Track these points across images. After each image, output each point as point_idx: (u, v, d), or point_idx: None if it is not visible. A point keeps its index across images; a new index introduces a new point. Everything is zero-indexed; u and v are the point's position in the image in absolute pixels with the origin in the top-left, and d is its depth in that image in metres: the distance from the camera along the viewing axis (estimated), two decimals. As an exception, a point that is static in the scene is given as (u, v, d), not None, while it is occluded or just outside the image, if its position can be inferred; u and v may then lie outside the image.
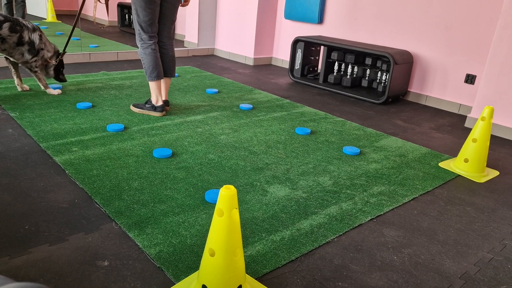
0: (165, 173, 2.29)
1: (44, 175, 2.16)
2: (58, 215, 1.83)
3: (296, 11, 5.25)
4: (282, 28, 5.61)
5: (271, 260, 1.65)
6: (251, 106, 3.61)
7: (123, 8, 7.08)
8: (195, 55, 5.96)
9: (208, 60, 5.70)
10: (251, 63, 5.66)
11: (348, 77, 4.51)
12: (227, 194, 1.25)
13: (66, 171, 2.22)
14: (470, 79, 3.94)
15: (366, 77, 4.55)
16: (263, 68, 5.50)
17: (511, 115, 3.40)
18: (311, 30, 5.24)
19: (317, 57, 5.02)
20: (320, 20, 5.07)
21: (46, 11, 6.75)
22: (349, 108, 3.92)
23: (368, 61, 4.30)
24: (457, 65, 4.01)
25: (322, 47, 4.81)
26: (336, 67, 4.66)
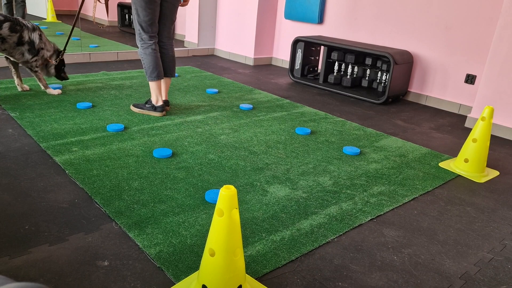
0: (165, 173, 2.29)
1: (44, 175, 2.16)
2: (58, 215, 1.83)
3: (296, 11, 5.25)
4: (282, 28, 5.61)
5: (271, 260, 1.65)
6: (251, 106, 3.61)
7: (123, 8, 7.08)
8: (195, 55, 5.96)
9: (208, 60, 5.70)
10: (251, 63, 5.66)
11: (348, 77, 4.51)
12: (227, 194, 1.25)
13: (66, 171, 2.22)
14: (470, 79, 3.94)
15: (366, 77, 4.55)
16: (263, 68, 5.50)
17: (511, 115, 3.40)
18: (311, 30, 5.24)
19: (317, 57, 5.02)
20: (320, 20, 5.07)
21: (46, 11, 6.75)
22: (349, 108, 3.92)
23: (368, 61, 4.30)
24: (457, 65, 4.01)
25: (322, 47, 4.82)
26: (336, 67, 4.66)
